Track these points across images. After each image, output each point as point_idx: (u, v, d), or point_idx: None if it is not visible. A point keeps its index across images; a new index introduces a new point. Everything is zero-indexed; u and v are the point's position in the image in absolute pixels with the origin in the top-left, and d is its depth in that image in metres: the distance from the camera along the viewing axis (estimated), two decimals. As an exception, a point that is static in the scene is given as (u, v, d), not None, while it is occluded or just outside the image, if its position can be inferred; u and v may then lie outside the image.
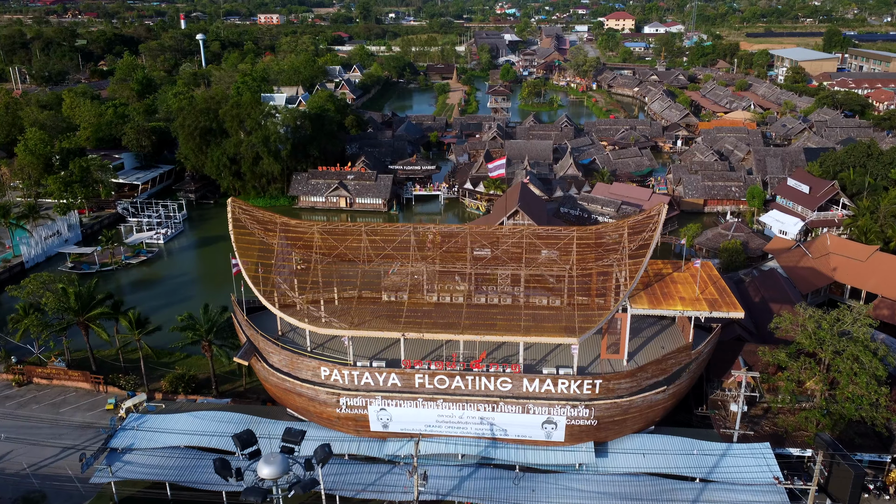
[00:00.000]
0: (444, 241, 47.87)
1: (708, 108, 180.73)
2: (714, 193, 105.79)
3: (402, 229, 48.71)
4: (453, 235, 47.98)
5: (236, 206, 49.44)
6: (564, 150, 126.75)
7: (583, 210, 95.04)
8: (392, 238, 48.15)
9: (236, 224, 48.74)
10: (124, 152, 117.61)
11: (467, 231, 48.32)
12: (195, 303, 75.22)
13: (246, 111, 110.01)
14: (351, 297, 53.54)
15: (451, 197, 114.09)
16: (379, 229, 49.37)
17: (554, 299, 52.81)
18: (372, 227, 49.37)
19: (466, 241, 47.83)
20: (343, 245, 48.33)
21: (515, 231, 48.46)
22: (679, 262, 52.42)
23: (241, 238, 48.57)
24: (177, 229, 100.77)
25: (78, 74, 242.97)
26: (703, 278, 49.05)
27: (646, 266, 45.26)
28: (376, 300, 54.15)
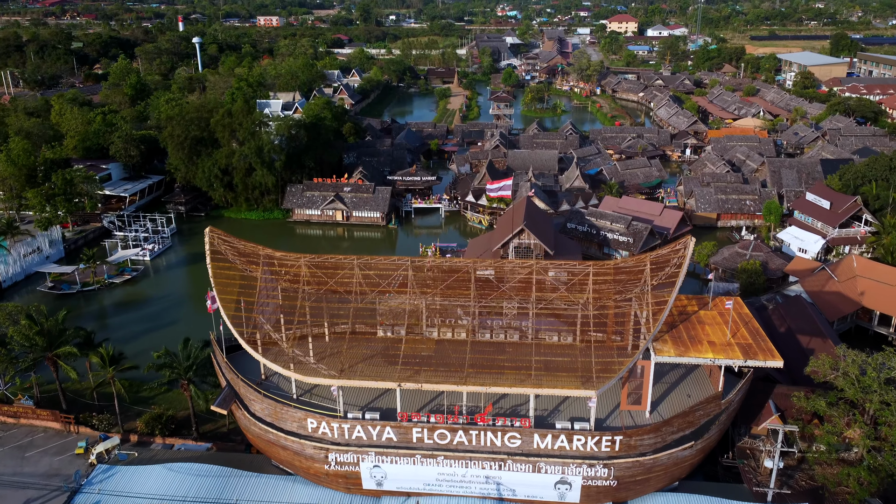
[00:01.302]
0: (446, 276, 43.08)
1: (716, 114, 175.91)
2: (728, 207, 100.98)
3: (399, 263, 43.99)
4: (455, 271, 43.21)
5: (215, 237, 44.65)
6: (570, 161, 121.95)
7: (591, 226, 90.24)
8: (387, 272, 43.39)
9: (215, 256, 43.99)
10: (112, 162, 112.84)
11: (471, 265, 43.55)
12: (180, 327, 70.70)
13: (238, 120, 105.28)
14: (343, 332, 48.78)
15: (452, 210, 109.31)
16: (373, 263, 44.61)
17: (566, 335, 48.03)
18: (365, 260, 44.60)
19: (470, 275, 42.99)
20: (333, 280, 43.57)
21: (524, 266, 43.70)
22: (705, 297, 47.56)
23: (221, 272, 43.79)
24: (164, 244, 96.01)
25: (72, 78, 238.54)
26: (733, 317, 44.19)
27: (670, 307, 40.42)
28: (371, 335, 49.42)
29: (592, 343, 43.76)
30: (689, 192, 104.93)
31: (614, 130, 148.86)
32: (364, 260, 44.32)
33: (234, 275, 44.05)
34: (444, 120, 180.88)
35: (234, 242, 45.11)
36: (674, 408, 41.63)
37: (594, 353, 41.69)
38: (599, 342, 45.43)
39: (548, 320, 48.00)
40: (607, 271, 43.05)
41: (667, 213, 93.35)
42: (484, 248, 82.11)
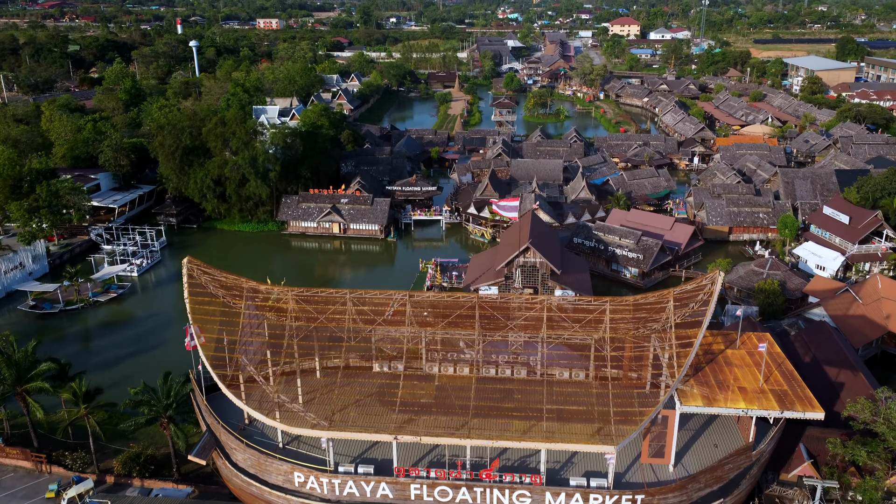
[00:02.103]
0: (448, 311, 39.17)
1: (723, 120, 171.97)
2: (740, 220, 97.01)
3: (396, 297, 40.05)
4: (458, 306, 39.28)
5: (194, 268, 40.73)
6: (575, 170, 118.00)
7: (598, 241, 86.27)
8: (383, 307, 39.47)
9: (193, 289, 40.08)
10: (101, 172, 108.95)
11: (475, 300, 39.61)
12: (166, 351, 66.83)
13: (231, 129, 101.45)
14: (336, 367, 44.84)
15: (453, 222, 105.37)
16: (367, 298, 40.67)
17: (578, 371, 44.07)
18: (358, 294, 40.67)
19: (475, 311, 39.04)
20: (324, 315, 39.64)
21: (534, 303, 39.77)
22: (731, 334, 43.56)
23: (200, 307, 39.84)
24: (153, 259, 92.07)
25: (67, 82, 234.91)
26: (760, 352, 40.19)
27: (696, 351, 36.44)
28: (366, 370, 45.48)
29: (609, 380, 39.84)
30: (700, 203, 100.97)
31: (620, 138, 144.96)
32: (358, 294, 40.43)
33: (215, 310, 40.16)
34: (445, 126, 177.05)
35: (215, 274, 41.26)
36: (700, 460, 37.69)
37: (612, 396, 37.73)
38: (615, 379, 41.52)
39: (558, 352, 44.07)
40: (625, 308, 39.15)
41: (677, 227, 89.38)
42: (487, 265, 78.19)
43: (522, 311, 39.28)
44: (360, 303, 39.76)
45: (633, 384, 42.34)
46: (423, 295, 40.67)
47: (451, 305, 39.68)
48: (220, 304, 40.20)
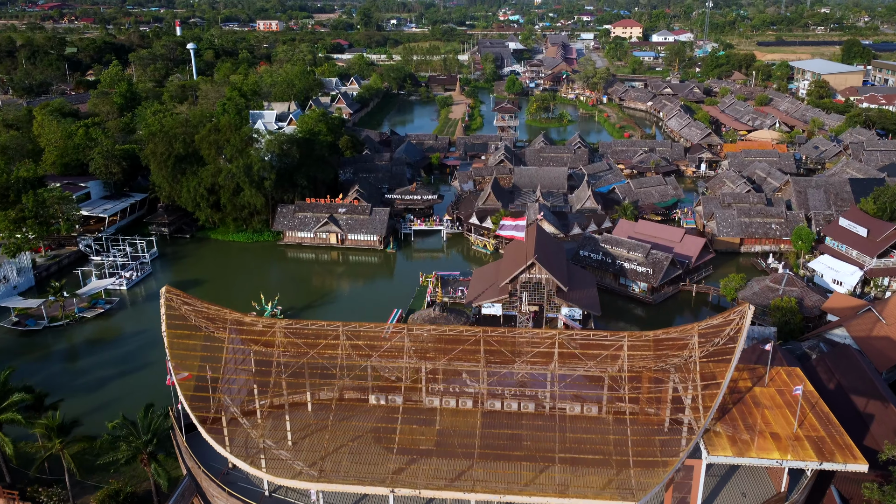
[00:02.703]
0: (451, 346, 35.91)
1: (729, 125, 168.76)
2: (752, 231, 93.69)
3: (394, 332, 36.75)
4: (461, 341, 36.01)
5: (173, 297, 37.41)
6: (580, 178, 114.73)
7: (606, 254, 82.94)
8: (379, 342, 36.17)
9: (172, 321, 36.72)
10: (91, 180, 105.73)
11: (480, 334, 36.34)
12: (153, 371, 63.41)
13: (225, 136, 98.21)
14: (329, 399, 41.54)
15: (454, 232, 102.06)
16: (363, 331, 37.37)
17: (590, 406, 40.77)
18: (352, 327, 37.37)
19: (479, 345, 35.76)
20: (315, 350, 36.36)
21: (544, 338, 36.47)
22: (759, 368, 40.21)
23: (180, 340, 36.53)
24: (144, 272, 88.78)
25: (63, 85, 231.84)
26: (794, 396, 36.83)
27: (724, 393, 33.12)
28: (361, 403, 42.16)
29: (625, 415, 36.54)
30: (710, 213, 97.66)
31: (625, 143, 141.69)
32: (352, 327, 37.13)
33: (196, 344, 36.89)
34: (446, 130, 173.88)
35: (195, 304, 37.97)
36: (727, 512, 34.42)
37: (630, 438, 34.38)
38: (632, 415, 38.21)
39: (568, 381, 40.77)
40: (645, 344, 35.88)
41: (688, 239, 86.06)
42: (490, 280, 74.85)
43: (531, 348, 36.07)
44: (355, 336, 36.53)
45: (651, 421, 39.03)
46: (422, 328, 37.38)
47: (454, 340, 36.45)
48: (201, 338, 36.96)
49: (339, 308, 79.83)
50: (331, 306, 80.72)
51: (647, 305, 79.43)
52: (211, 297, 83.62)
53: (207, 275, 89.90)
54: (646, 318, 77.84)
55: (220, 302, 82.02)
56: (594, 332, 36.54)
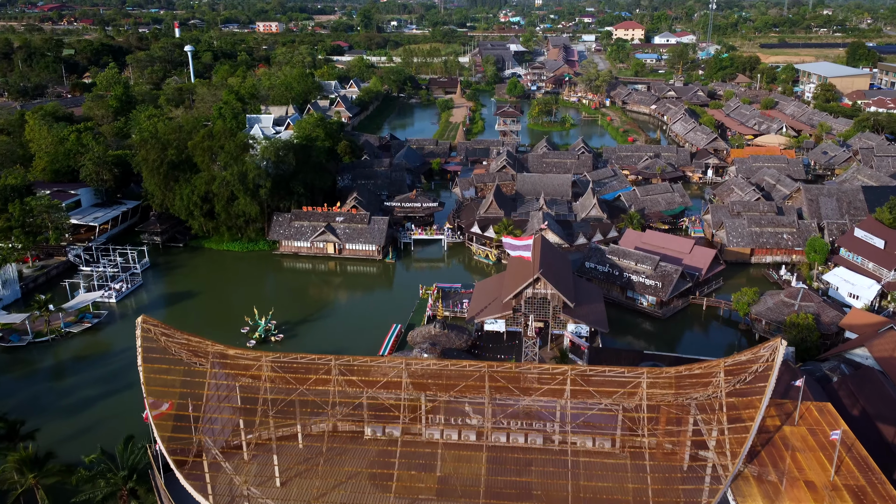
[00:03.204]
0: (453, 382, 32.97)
1: (734, 129, 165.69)
2: (763, 241, 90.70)
3: (391, 366, 33.81)
4: (465, 376, 33.06)
5: (150, 328, 34.46)
6: (584, 185, 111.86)
7: (612, 266, 79.95)
8: (375, 377, 33.22)
9: (149, 354, 33.76)
10: (82, 187, 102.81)
11: (485, 369, 33.41)
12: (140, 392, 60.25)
13: (219, 143, 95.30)
14: (321, 431, 38.59)
15: (455, 241, 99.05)
16: (357, 365, 34.43)
17: (603, 441, 37.81)
18: (346, 361, 34.43)
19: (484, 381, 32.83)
20: (304, 385, 33.41)
21: (555, 374, 33.52)
22: (787, 403, 37.18)
23: (158, 375, 33.57)
24: (135, 283, 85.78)
25: (59, 87, 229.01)
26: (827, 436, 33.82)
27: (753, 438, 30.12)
28: (357, 436, 39.21)
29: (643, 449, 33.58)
30: (719, 223, 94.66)
31: (629, 149, 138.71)
32: (345, 361, 34.16)
33: (175, 379, 33.96)
34: (447, 134, 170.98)
35: (175, 336, 35.01)
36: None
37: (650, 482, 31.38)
38: (651, 450, 35.25)
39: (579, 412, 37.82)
40: (666, 381, 32.93)
41: (697, 250, 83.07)
42: (492, 294, 71.87)
43: (541, 384, 33.18)
44: (348, 370, 33.59)
45: (669, 457, 36.04)
46: (421, 363, 34.42)
47: (457, 376, 33.51)
48: (181, 372, 34.05)
49: (336, 323, 76.88)
50: (327, 321, 77.76)
51: (655, 320, 76.44)
52: (203, 311, 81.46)
53: (200, 286, 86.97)
54: (655, 333, 74.85)
55: (213, 316, 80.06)
56: (610, 368, 33.61)
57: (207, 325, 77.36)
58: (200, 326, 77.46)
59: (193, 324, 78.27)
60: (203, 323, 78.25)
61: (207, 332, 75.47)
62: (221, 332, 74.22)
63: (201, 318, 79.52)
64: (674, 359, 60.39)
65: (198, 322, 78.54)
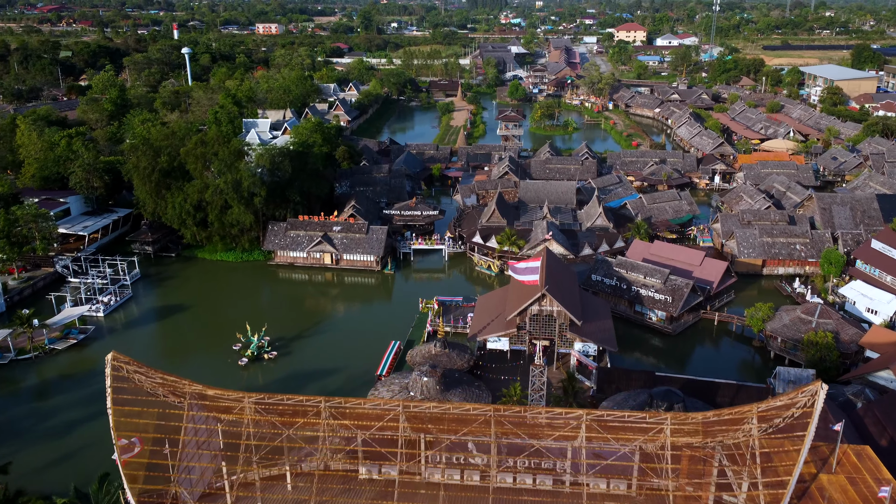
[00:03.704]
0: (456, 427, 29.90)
1: (740, 133, 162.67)
2: (775, 252, 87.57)
3: (387, 408, 30.72)
4: (469, 420, 30.01)
5: (122, 366, 31.36)
6: (589, 192, 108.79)
7: (620, 279, 76.84)
8: (369, 421, 30.14)
9: (120, 395, 30.68)
10: (71, 195, 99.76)
11: (491, 414, 30.34)
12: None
13: (213, 149, 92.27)
14: (311, 471, 35.50)
15: (456, 251, 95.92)
16: (349, 409, 31.36)
17: (618, 482, 34.72)
18: (336, 403, 31.39)
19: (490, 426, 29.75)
20: (292, 429, 30.35)
21: (569, 418, 30.48)
22: (822, 447, 34.03)
23: (129, 419, 30.47)
24: (124, 296, 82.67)
25: (55, 90, 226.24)
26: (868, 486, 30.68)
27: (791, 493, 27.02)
28: (350, 475, 36.10)
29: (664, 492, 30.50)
30: (729, 232, 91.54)
31: (634, 154, 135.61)
32: (336, 403, 31.11)
33: (148, 423, 30.89)
34: (447, 138, 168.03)
35: (149, 375, 31.92)
36: None
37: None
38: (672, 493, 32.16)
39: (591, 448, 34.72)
40: (692, 428, 29.86)
41: (708, 262, 79.97)
42: (495, 309, 68.78)
43: (553, 430, 30.18)
44: (340, 413, 30.57)
45: (691, 503, 32.93)
46: (420, 405, 31.32)
47: (459, 420, 30.48)
48: (155, 415, 30.99)
49: (332, 339, 73.75)
50: (323, 336, 74.64)
51: (665, 336, 73.34)
52: (195, 325, 78.26)
53: (192, 299, 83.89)
54: (665, 350, 71.77)
55: (205, 331, 76.85)
56: (630, 413, 30.46)
57: (198, 341, 74.38)
58: (191, 342, 74.62)
59: (184, 339, 75.44)
60: (194, 338, 75.27)
61: (198, 349, 73.04)
62: (213, 348, 71.29)
63: (192, 333, 76.50)
64: (687, 381, 57.35)
65: (188, 338, 75.62)
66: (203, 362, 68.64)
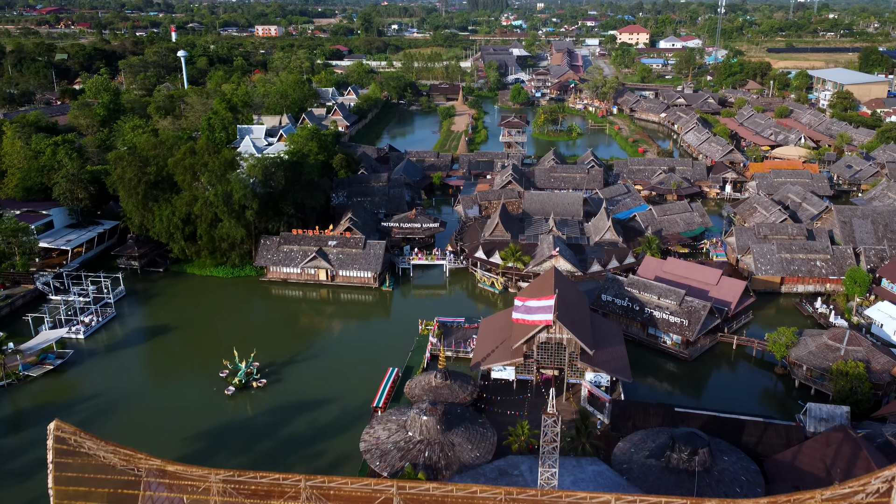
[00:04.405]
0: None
1: (749, 139, 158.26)
2: (794, 269, 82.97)
3: (379, 489, 26.21)
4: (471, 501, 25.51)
5: (68, 437, 26.79)
6: (596, 203, 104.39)
7: (632, 300, 72.29)
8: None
9: (64, 471, 26.15)
10: (55, 207, 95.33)
11: (503, 497, 25.85)
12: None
13: (202, 160, 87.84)
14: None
15: (457, 267, 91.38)
16: (333, 490, 26.79)
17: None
18: (319, 483, 26.81)
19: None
20: (267, 511, 25.88)
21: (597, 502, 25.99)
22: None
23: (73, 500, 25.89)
24: (107, 316, 78.16)
25: (49, 94, 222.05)
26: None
27: None
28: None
29: None
30: (745, 247, 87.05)
31: (642, 162, 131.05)
32: (318, 483, 26.51)
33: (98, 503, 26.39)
34: (448, 144, 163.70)
35: (101, 446, 27.42)
36: None
37: None
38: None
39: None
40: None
41: (725, 281, 75.41)
42: (499, 334, 64.24)
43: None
44: (323, 495, 26.06)
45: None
46: (419, 487, 26.85)
47: (467, 500, 26.02)
48: (104, 497, 26.49)
49: (326, 364, 69.20)
50: (316, 361, 70.07)
51: (681, 362, 68.79)
52: (181, 348, 73.42)
53: (179, 319, 79.38)
54: (681, 377, 67.25)
55: (191, 355, 71.93)
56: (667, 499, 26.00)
57: (184, 366, 69.93)
58: (176, 368, 70.09)
59: (168, 365, 70.92)
60: (179, 363, 70.82)
61: (183, 376, 68.24)
62: (199, 374, 66.84)
63: (178, 357, 72.04)
64: (709, 418, 52.81)
65: (173, 363, 71.17)
66: (187, 391, 64.15)
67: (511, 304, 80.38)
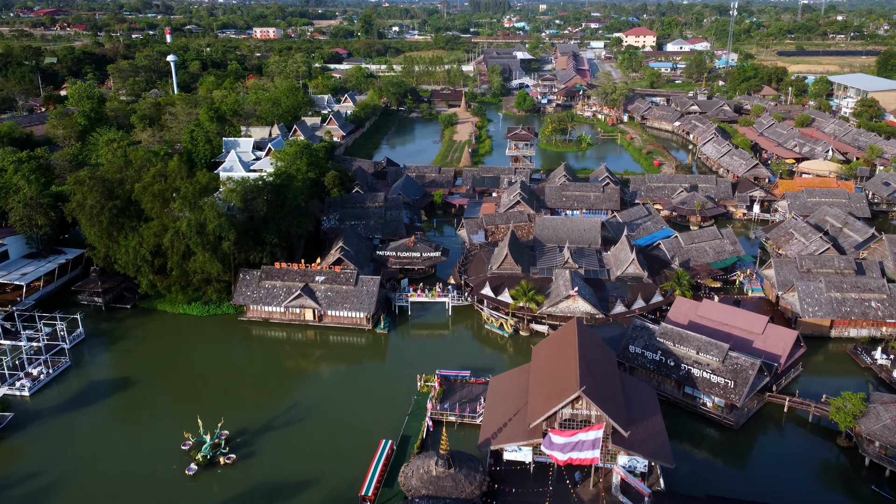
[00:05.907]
0: None
1: (771, 151, 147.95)
2: (846, 311, 72.72)
3: None
4: None
5: None
6: (615, 229, 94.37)
7: (665, 353, 62.08)
8: None
9: None
10: (10, 235, 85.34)
11: None
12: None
13: (173, 185, 77.82)
14: None
15: (461, 305, 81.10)
16: None
17: None
18: None
19: None
20: None
21: None
22: None
23: None
24: (59, 366, 68.08)
25: (32, 100, 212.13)
26: None
27: None
28: None
29: None
30: (787, 283, 76.85)
31: (661, 179, 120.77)
32: None
33: None
34: (451, 156, 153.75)
35: None
36: None
37: None
38: None
39: None
40: None
41: (772, 330, 65.12)
42: (513, 402, 54.07)
43: None
44: None
45: None
46: None
47: None
48: None
49: (307, 434, 58.89)
50: (297, 428, 59.70)
51: (724, 429, 58.57)
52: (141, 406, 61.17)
53: (143, 369, 69.15)
54: (727, 449, 56.96)
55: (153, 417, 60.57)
56: None
57: (141, 434, 59.48)
58: (131, 437, 59.24)
59: (123, 431, 60.12)
60: (137, 429, 60.41)
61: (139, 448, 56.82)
62: (157, 445, 56.63)
63: (136, 419, 61.68)
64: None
65: (129, 428, 60.74)
66: (141, 471, 53.93)
67: (522, 350, 71.12)
